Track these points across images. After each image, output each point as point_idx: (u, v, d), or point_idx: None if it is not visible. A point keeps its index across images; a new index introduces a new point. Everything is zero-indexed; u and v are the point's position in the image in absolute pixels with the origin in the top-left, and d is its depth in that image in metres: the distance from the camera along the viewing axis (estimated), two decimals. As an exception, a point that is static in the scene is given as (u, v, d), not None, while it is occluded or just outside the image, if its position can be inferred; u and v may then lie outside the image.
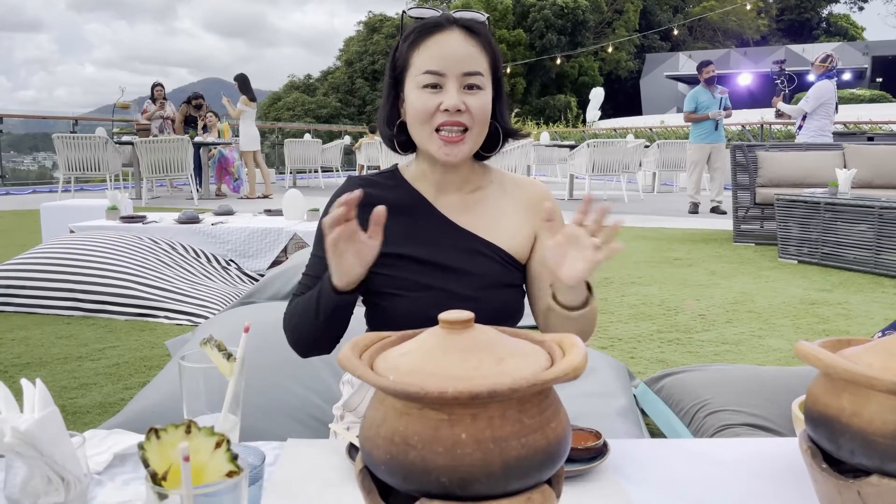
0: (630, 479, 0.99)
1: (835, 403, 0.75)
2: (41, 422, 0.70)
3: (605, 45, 38.75)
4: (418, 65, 1.15)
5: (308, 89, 46.92)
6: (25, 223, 7.65)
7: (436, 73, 1.13)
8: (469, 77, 1.14)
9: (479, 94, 1.15)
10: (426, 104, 1.13)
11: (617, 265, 5.39)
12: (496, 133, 1.23)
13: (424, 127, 1.15)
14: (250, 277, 4.57)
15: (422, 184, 1.24)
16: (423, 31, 1.16)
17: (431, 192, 1.24)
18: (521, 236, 1.24)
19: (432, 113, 1.13)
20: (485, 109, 1.16)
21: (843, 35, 46.90)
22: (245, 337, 0.87)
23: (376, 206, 1.01)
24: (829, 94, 7.62)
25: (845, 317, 3.85)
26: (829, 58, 7.73)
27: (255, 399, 1.78)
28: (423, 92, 1.14)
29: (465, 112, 1.13)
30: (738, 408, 1.81)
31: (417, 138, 1.18)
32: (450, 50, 1.14)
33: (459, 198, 1.24)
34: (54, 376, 2.77)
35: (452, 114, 1.12)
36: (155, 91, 11.37)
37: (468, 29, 1.16)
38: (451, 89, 1.13)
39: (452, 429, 0.58)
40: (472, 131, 1.15)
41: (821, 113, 7.65)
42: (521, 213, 1.26)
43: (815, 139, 7.51)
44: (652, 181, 13.36)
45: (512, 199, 1.27)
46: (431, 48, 1.14)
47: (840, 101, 8.40)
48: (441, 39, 1.15)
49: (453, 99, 1.12)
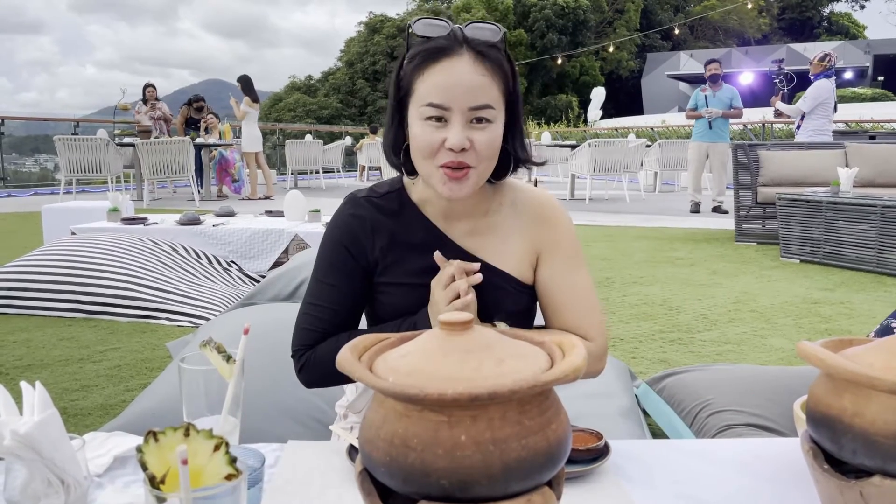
0: (632, 479, 0.99)
1: (836, 404, 0.75)
2: (41, 424, 0.70)
3: (606, 45, 38.74)
4: (422, 93, 1.06)
5: (309, 90, 46.94)
6: (27, 225, 7.66)
7: (439, 107, 1.04)
8: (476, 111, 1.05)
9: (488, 129, 1.06)
10: (430, 140, 1.05)
11: (618, 265, 5.39)
12: (508, 159, 1.15)
13: (427, 162, 1.07)
14: (251, 279, 4.58)
15: (429, 207, 1.17)
16: (429, 55, 1.06)
17: (440, 218, 1.17)
18: (526, 258, 1.19)
19: (436, 150, 1.06)
20: (492, 145, 1.07)
21: (845, 34, 46.84)
22: (245, 339, 0.87)
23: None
24: (826, 93, 7.61)
25: (848, 316, 3.84)
26: (828, 57, 7.72)
27: (255, 401, 1.78)
28: (427, 125, 1.05)
29: (469, 150, 1.05)
30: (740, 408, 1.81)
31: (421, 171, 1.11)
32: (456, 80, 1.04)
33: (469, 224, 1.18)
34: (56, 378, 2.77)
35: (457, 153, 1.04)
36: (146, 92, 11.27)
37: (479, 54, 1.06)
38: (455, 125, 1.04)
39: (452, 431, 0.58)
40: (477, 169, 1.07)
41: (819, 112, 7.64)
42: (527, 234, 1.19)
43: (814, 138, 7.50)
44: (653, 181, 13.35)
45: (520, 220, 1.20)
46: (437, 76, 1.05)
47: (841, 100, 8.40)
48: (448, 67, 1.05)
49: (457, 137, 1.03)
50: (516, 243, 1.18)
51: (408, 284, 1.15)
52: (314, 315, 1.16)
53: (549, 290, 1.19)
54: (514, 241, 1.18)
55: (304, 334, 1.17)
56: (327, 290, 1.16)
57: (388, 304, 1.18)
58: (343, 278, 1.16)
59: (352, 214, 1.17)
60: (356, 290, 1.17)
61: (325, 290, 1.17)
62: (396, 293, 1.16)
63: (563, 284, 1.18)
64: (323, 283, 1.17)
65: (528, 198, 1.21)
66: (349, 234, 1.16)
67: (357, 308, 1.19)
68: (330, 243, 1.18)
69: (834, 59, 7.78)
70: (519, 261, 1.18)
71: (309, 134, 17.06)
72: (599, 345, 1.17)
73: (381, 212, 1.17)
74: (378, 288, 1.18)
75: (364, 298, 1.19)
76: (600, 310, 1.20)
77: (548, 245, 1.19)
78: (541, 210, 1.20)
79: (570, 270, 1.19)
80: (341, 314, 1.16)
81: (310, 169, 13.87)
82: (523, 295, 1.19)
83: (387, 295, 1.17)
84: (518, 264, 1.18)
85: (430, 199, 1.17)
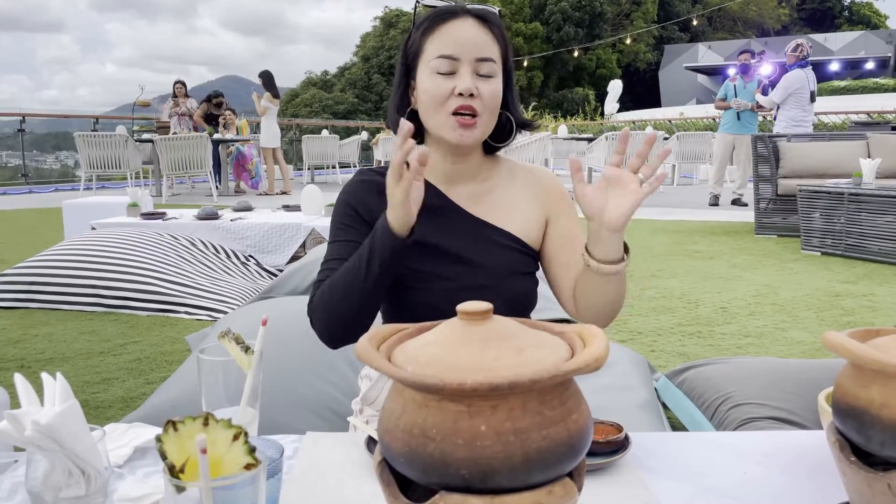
0: (652, 472, 0.98)
1: (864, 395, 0.73)
2: (62, 415, 0.70)
3: (623, 37, 38.45)
4: (432, 50, 1.16)
5: (325, 85, 47.04)
6: (48, 221, 7.75)
7: (449, 58, 1.14)
8: (482, 63, 1.15)
9: (491, 82, 1.16)
10: (440, 88, 1.14)
11: (637, 258, 5.35)
12: (508, 125, 1.24)
13: (439, 111, 1.15)
14: (269, 273, 4.60)
15: (432, 174, 1.24)
16: (437, 18, 1.17)
17: (443, 183, 1.24)
18: (533, 222, 1.25)
19: (446, 97, 1.14)
20: (496, 97, 1.17)
21: (867, 24, 46.16)
22: (263, 330, 0.87)
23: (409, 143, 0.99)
24: (798, 83, 7.60)
25: (871, 309, 3.79)
26: (800, 46, 7.68)
27: (274, 393, 1.79)
28: (437, 77, 1.15)
29: (477, 97, 1.14)
30: (762, 401, 1.78)
31: (430, 123, 1.18)
32: (463, 35, 1.15)
33: (471, 188, 1.25)
34: (77, 371, 2.80)
35: (466, 98, 1.13)
36: (175, 88, 11.41)
37: (481, 18, 1.18)
38: (464, 74, 1.14)
39: (472, 421, 0.57)
40: (482, 117, 1.15)
41: (791, 103, 7.68)
42: (532, 200, 1.27)
43: (789, 129, 7.48)
44: (672, 173, 13.24)
45: (522, 186, 1.28)
46: (445, 34, 1.16)
47: (863, 91, 8.30)
48: (454, 26, 1.16)
49: (467, 82, 1.13)
50: (519, 207, 1.25)
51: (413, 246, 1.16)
52: (324, 269, 1.21)
53: (568, 243, 1.25)
54: (516, 206, 1.25)
55: (314, 289, 1.20)
56: (336, 247, 1.21)
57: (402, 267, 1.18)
58: (350, 233, 1.21)
59: (359, 180, 1.25)
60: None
61: (334, 247, 1.22)
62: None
63: (578, 238, 1.25)
64: (334, 242, 1.23)
65: (526, 169, 1.31)
66: (354, 195, 1.23)
67: None
68: (338, 207, 1.25)
69: (807, 48, 7.72)
70: (524, 224, 1.25)
71: (325, 129, 17.08)
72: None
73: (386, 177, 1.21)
74: None
75: None
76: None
77: (556, 207, 1.28)
78: (543, 178, 1.30)
79: (579, 234, 1.26)
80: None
81: (326, 164, 13.90)
82: (528, 258, 1.25)
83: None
84: (523, 227, 1.24)
85: (433, 167, 1.23)
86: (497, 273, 1.20)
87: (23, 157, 13.41)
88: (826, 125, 14.92)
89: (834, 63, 35.90)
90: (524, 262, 1.24)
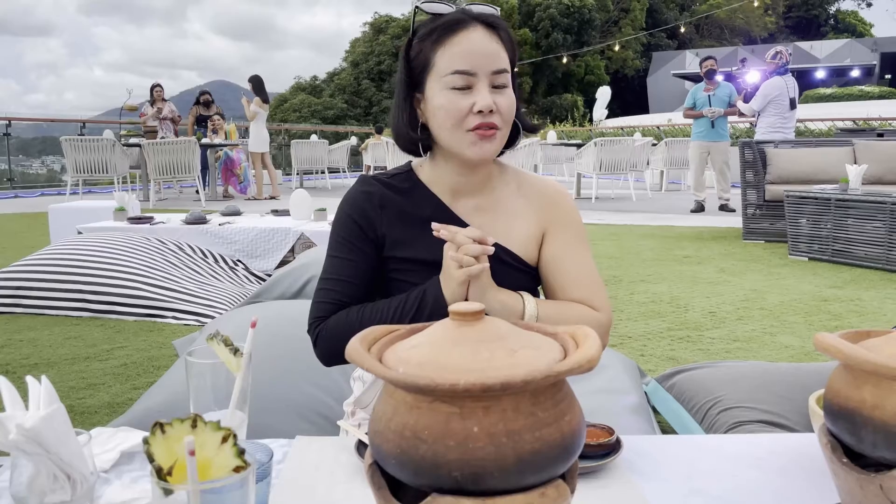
0: (644, 475, 0.98)
1: (856, 396, 0.73)
2: (47, 419, 0.69)
3: (611, 44, 38.65)
4: (444, 65, 1.10)
5: (314, 91, 46.97)
6: (34, 225, 7.68)
7: (466, 73, 1.09)
8: (498, 76, 1.11)
9: (507, 93, 1.13)
10: (457, 105, 1.10)
11: (626, 263, 5.37)
12: (515, 128, 1.21)
13: (456, 129, 1.11)
14: (258, 277, 4.57)
15: (437, 186, 1.22)
16: (446, 28, 1.11)
17: (447, 195, 1.21)
18: (531, 238, 1.23)
19: (465, 114, 1.10)
20: (512, 107, 1.14)
21: (852, 32, 46.62)
22: (252, 332, 0.86)
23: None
24: (777, 90, 7.70)
25: (858, 313, 3.81)
26: (779, 54, 7.79)
27: (263, 396, 1.77)
28: (452, 94, 1.10)
29: (496, 112, 1.11)
30: (751, 404, 1.79)
31: (447, 140, 1.14)
32: (477, 47, 1.10)
33: (476, 201, 1.22)
34: (62, 377, 2.77)
35: (486, 115, 1.10)
36: (154, 92, 11.32)
37: (489, 25, 1.13)
38: (482, 89, 1.10)
39: (464, 422, 0.57)
40: (502, 131, 1.13)
41: (771, 111, 7.77)
42: (533, 215, 1.24)
43: (768, 136, 7.54)
44: (660, 179, 13.31)
45: (526, 201, 1.24)
46: (457, 46, 1.10)
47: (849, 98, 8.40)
48: (466, 37, 1.10)
49: (486, 100, 1.09)
50: (522, 224, 1.23)
51: (417, 260, 1.18)
52: (327, 288, 1.19)
53: (556, 265, 1.22)
54: (519, 222, 1.23)
55: (318, 307, 1.19)
56: (339, 264, 1.19)
57: (399, 282, 1.20)
58: (353, 251, 1.19)
59: (361, 191, 1.21)
60: (367, 262, 1.19)
61: (336, 263, 1.20)
62: (406, 269, 1.19)
63: (571, 260, 1.22)
64: (334, 257, 1.20)
65: (533, 181, 1.27)
66: (358, 209, 1.20)
67: (369, 281, 1.20)
68: (340, 219, 1.22)
69: (787, 56, 7.82)
70: (524, 241, 1.22)
71: (314, 134, 17.07)
72: (608, 317, 1.21)
73: (390, 189, 1.21)
74: (388, 264, 1.20)
75: (376, 272, 1.21)
76: (604, 286, 1.24)
77: (554, 224, 1.24)
78: (547, 191, 1.26)
79: (576, 247, 1.23)
80: (353, 286, 1.19)
81: (315, 169, 13.87)
82: (526, 275, 1.23)
83: (397, 272, 1.20)
84: (523, 244, 1.22)
85: (439, 179, 1.21)
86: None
87: (8, 162, 13.31)
88: (812, 132, 15.05)
89: (820, 71, 36.23)
90: (524, 280, 1.22)
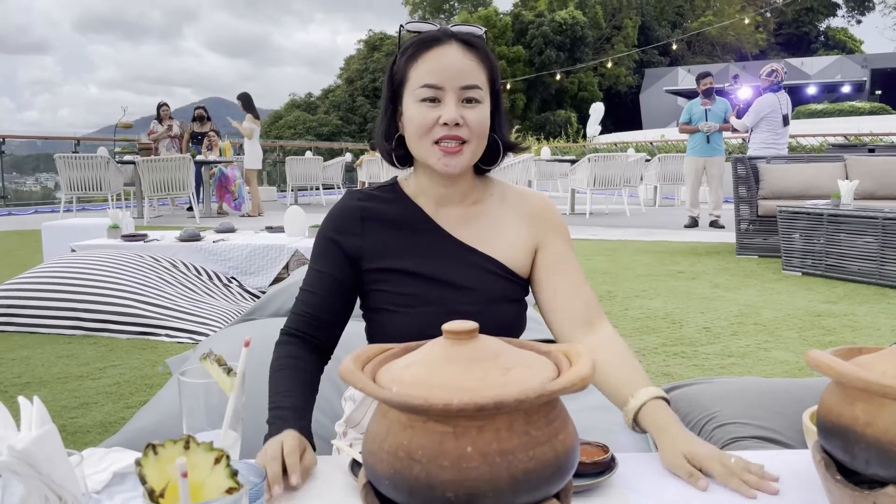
0: (639, 493, 0.97)
1: (848, 413, 0.73)
2: (38, 440, 0.68)
3: (604, 61, 38.92)
4: (416, 79, 1.15)
5: (309, 107, 47.09)
6: (27, 243, 7.65)
7: (434, 87, 1.13)
8: (467, 91, 1.14)
9: (478, 108, 1.15)
10: (425, 117, 1.13)
11: (620, 279, 5.37)
12: (496, 146, 1.23)
13: (423, 140, 1.15)
14: (252, 295, 4.56)
15: (421, 198, 1.24)
16: (421, 45, 1.16)
17: (431, 207, 1.23)
18: (521, 249, 1.24)
19: (431, 126, 1.14)
20: (483, 123, 1.16)
21: (842, 48, 47.09)
22: (245, 351, 0.86)
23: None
24: (769, 107, 7.80)
25: (851, 328, 3.82)
26: (774, 72, 7.89)
27: (255, 417, 1.76)
28: (422, 105, 1.14)
29: (463, 126, 1.13)
30: (746, 420, 1.78)
31: (416, 151, 1.18)
32: (448, 63, 1.14)
33: (459, 212, 1.24)
34: (55, 396, 2.75)
35: (451, 127, 1.13)
36: (161, 111, 11.42)
37: (466, 43, 1.16)
38: (449, 103, 1.13)
39: (458, 442, 0.57)
40: (471, 144, 1.15)
41: (763, 127, 7.86)
42: (522, 226, 1.25)
43: (761, 152, 7.62)
44: (653, 195, 13.38)
45: (513, 212, 1.26)
46: (429, 62, 1.14)
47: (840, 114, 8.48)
48: (439, 53, 1.15)
49: (451, 112, 1.12)
50: (509, 234, 1.24)
51: (398, 270, 1.20)
52: (303, 300, 1.23)
53: (555, 273, 1.24)
54: (505, 232, 1.24)
55: (293, 317, 1.24)
56: (316, 277, 1.23)
57: (382, 292, 1.21)
58: (329, 265, 1.22)
59: (343, 205, 1.25)
60: (342, 277, 1.22)
61: (313, 276, 1.23)
62: (388, 279, 1.20)
63: (567, 271, 1.24)
64: (313, 269, 1.24)
65: (518, 193, 1.29)
66: (336, 224, 1.23)
67: (343, 297, 1.23)
68: (320, 233, 1.25)
69: (781, 73, 7.91)
70: (511, 251, 1.23)
71: (309, 151, 17.09)
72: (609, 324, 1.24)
73: (374, 200, 1.24)
74: (371, 276, 1.21)
75: (352, 288, 1.23)
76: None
77: (546, 235, 1.26)
78: (534, 203, 1.28)
79: (569, 255, 1.26)
80: (328, 300, 1.22)
81: (310, 185, 13.89)
82: (515, 285, 1.24)
83: (379, 283, 1.21)
84: (510, 254, 1.23)
85: (423, 191, 1.24)
86: (483, 298, 1.19)
87: (2, 179, 13.29)
88: (804, 147, 15.15)
89: (811, 87, 36.52)
90: (510, 290, 1.23)
